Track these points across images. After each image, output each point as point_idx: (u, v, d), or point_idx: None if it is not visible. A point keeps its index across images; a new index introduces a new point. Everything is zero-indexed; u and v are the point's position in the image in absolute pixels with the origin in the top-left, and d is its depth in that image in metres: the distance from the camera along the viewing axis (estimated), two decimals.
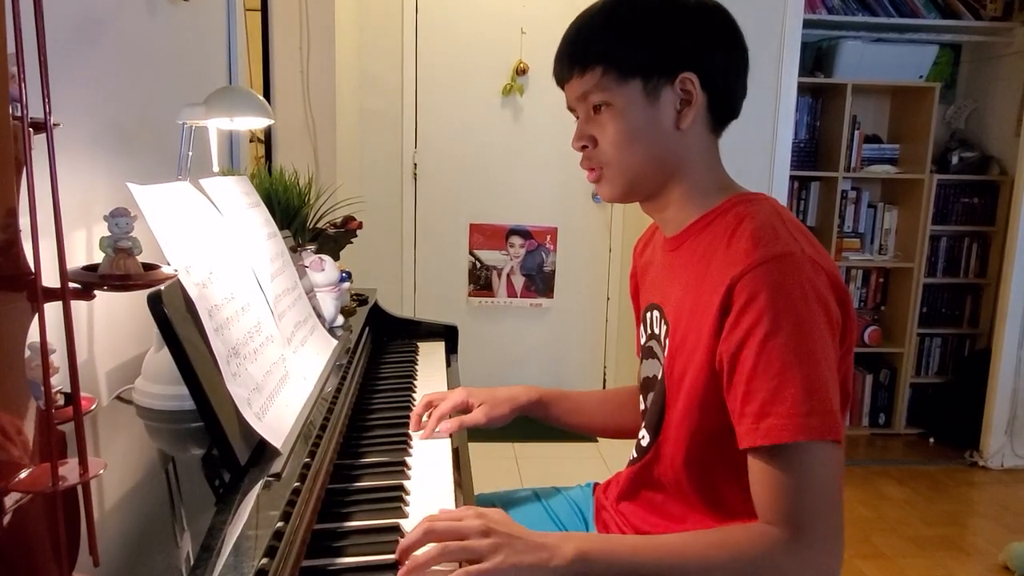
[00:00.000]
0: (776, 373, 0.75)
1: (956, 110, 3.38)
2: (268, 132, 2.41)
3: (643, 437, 0.99)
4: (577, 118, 0.95)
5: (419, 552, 0.74)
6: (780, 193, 2.73)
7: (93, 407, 0.96)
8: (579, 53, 0.90)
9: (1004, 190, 3.21)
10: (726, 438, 0.82)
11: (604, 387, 3.55)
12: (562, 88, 0.95)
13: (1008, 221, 3.02)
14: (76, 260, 1.06)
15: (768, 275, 0.77)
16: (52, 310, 0.56)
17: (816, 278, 0.78)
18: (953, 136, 3.38)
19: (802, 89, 2.93)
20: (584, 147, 0.94)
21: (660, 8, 0.88)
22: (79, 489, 0.52)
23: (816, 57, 3.23)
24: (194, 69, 1.60)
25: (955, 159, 3.27)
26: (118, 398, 1.05)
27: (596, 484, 1.19)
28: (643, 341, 1.02)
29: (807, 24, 2.72)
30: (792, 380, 0.75)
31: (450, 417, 1.13)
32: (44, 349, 0.47)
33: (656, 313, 0.97)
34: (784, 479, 0.75)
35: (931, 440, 3.31)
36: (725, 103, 0.91)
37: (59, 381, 0.84)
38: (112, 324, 1.18)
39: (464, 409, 1.15)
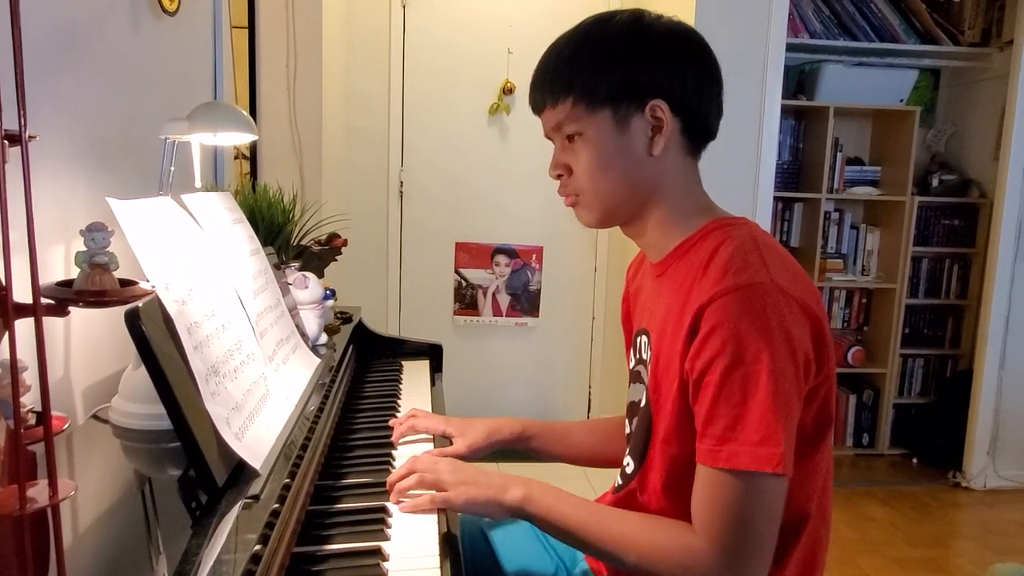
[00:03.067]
0: (736, 403, 0.77)
1: (936, 133, 3.43)
2: (253, 149, 2.40)
3: (628, 464, 0.98)
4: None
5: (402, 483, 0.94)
6: (764, 214, 2.75)
7: (66, 426, 0.94)
8: (549, 84, 0.91)
9: (984, 213, 3.25)
10: None
11: (589, 406, 3.53)
12: (538, 117, 0.95)
13: (988, 243, 3.06)
14: (54, 276, 1.04)
15: (732, 304, 0.78)
16: (25, 326, 0.54)
17: (784, 308, 0.78)
18: (933, 159, 3.43)
19: (785, 111, 2.96)
20: (560, 175, 0.94)
21: (626, 36, 0.88)
22: (48, 511, 0.50)
23: (799, 80, 3.27)
24: (178, 85, 1.59)
25: (935, 182, 3.31)
26: (94, 417, 1.03)
27: None
28: (631, 365, 1.02)
29: (790, 48, 2.76)
30: (749, 410, 0.76)
31: (433, 441, 1.15)
32: (14, 366, 0.46)
33: (644, 338, 0.96)
34: (725, 500, 0.78)
35: (914, 461, 3.32)
36: (699, 125, 0.91)
37: (31, 400, 0.82)
38: (90, 341, 1.16)
39: (444, 439, 1.16)
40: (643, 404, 0.93)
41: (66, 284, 0.76)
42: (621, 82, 0.87)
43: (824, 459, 0.88)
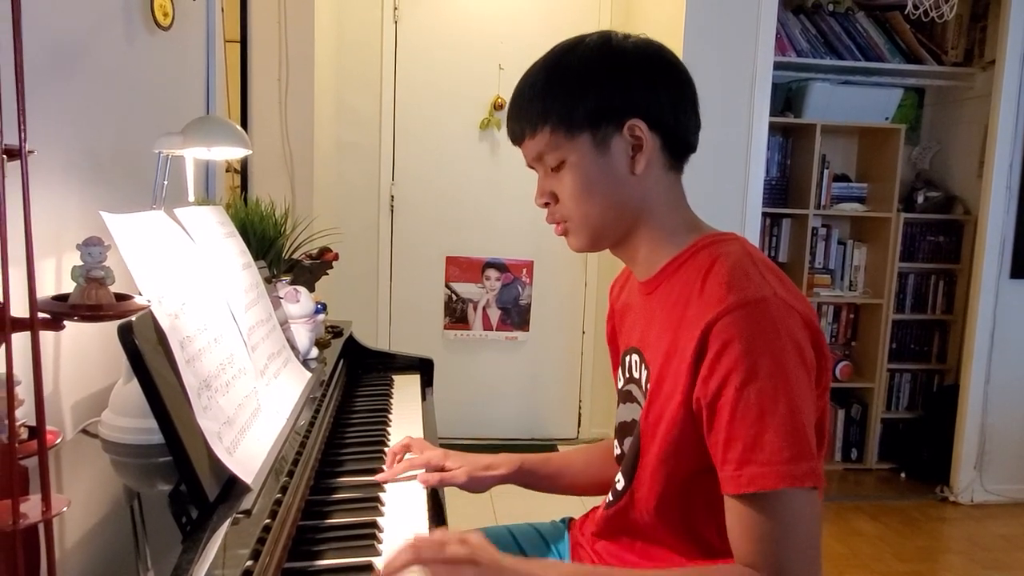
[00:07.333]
0: (755, 420, 0.75)
1: (921, 151, 3.48)
2: (244, 163, 2.40)
3: (618, 481, 0.97)
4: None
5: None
6: (753, 229, 2.77)
7: (58, 441, 0.94)
8: (525, 115, 0.91)
9: (968, 229, 3.29)
10: (702, 480, 0.81)
11: (579, 421, 3.53)
12: (518, 147, 0.95)
13: (973, 259, 3.10)
14: (46, 289, 1.04)
15: (742, 320, 0.77)
16: (18, 340, 0.54)
17: (790, 320, 0.78)
18: (918, 176, 3.47)
19: (773, 129, 3.00)
20: (547, 204, 0.95)
21: (598, 59, 0.88)
22: (41, 527, 0.50)
23: (786, 98, 3.31)
24: (172, 98, 1.59)
25: (920, 198, 3.35)
26: (83, 431, 1.03)
27: (571, 520, 1.17)
28: (621, 385, 1.01)
29: (777, 66, 2.80)
30: (771, 426, 0.74)
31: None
32: (10, 381, 0.46)
33: (636, 357, 0.96)
34: (766, 525, 0.75)
35: (902, 475, 3.34)
36: (679, 140, 0.91)
37: (24, 414, 0.81)
38: (79, 355, 1.15)
39: (440, 469, 1.11)
40: (638, 423, 0.92)
41: (60, 298, 0.76)
42: (597, 105, 0.87)
43: None
